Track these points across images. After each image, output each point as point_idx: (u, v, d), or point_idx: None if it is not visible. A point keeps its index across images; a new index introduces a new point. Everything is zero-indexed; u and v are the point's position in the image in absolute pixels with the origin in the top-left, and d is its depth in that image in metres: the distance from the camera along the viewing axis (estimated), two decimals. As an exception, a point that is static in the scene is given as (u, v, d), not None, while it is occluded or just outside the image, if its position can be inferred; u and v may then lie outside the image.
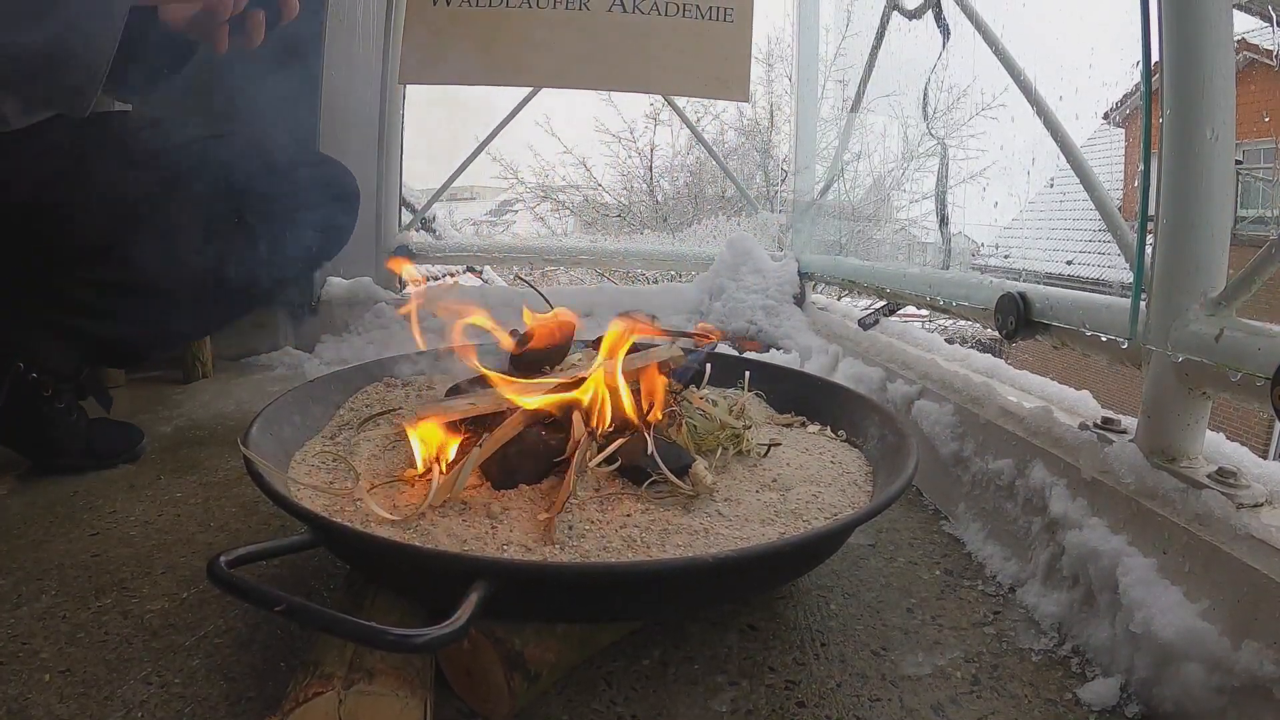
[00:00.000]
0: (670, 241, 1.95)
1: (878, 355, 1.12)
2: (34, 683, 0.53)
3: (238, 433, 0.66)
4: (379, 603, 0.53)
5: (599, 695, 0.54)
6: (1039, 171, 0.98)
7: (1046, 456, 0.70)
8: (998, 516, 0.76)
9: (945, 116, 1.27)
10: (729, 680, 0.56)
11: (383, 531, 0.55)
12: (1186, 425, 0.61)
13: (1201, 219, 0.60)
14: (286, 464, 0.68)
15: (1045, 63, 0.90)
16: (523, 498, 0.61)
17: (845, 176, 1.63)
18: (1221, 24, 0.59)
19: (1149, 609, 0.53)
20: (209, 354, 1.40)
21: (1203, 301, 0.60)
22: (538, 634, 0.51)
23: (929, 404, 0.91)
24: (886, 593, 0.68)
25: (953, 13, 1.15)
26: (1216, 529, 0.53)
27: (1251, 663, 0.46)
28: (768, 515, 0.61)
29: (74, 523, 0.78)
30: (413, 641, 0.38)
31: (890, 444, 0.72)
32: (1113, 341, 0.68)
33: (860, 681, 0.56)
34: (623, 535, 0.56)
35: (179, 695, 0.52)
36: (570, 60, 1.65)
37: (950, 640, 0.61)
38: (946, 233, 1.19)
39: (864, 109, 1.55)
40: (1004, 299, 0.82)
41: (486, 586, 0.43)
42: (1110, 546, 0.59)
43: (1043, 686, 0.56)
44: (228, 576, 0.42)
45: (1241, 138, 0.61)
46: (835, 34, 1.84)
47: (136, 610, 0.62)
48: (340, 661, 0.46)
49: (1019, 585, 0.69)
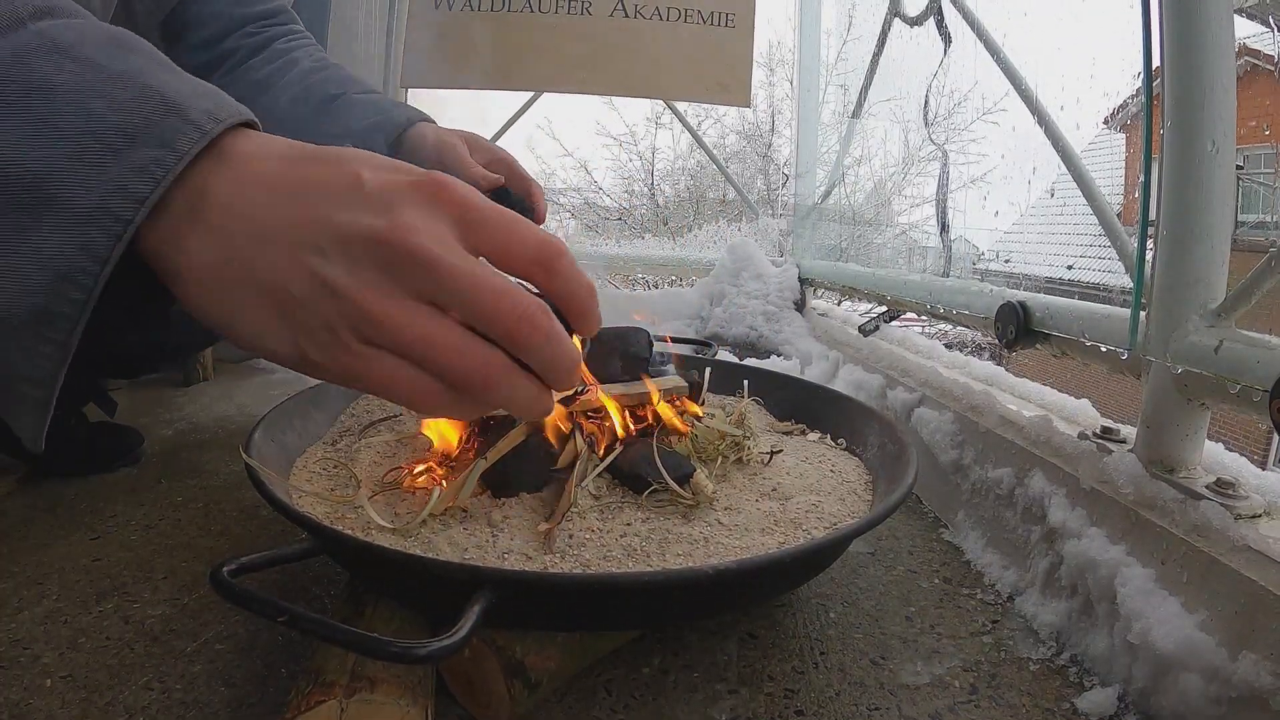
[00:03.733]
0: (671, 246, 1.95)
1: (878, 362, 1.12)
2: (35, 687, 0.53)
3: (239, 436, 0.66)
4: (380, 610, 0.53)
5: (599, 703, 0.54)
6: (1039, 179, 0.99)
7: (1046, 465, 0.70)
8: (997, 525, 0.76)
9: (946, 121, 1.27)
10: (728, 688, 0.56)
11: (384, 540, 0.56)
12: (1185, 436, 0.61)
13: (1202, 230, 0.60)
14: (289, 470, 0.69)
15: (1046, 73, 0.91)
16: (523, 506, 0.61)
17: (846, 181, 1.64)
18: (1222, 37, 0.59)
19: (1147, 619, 0.53)
20: (210, 357, 1.40)
21: (1202, 313, 0.60)
22: (538, 642, 0.51)
23: (929, 411, 0.91)
24: (885, 601, 0.69)
25: (954, 20, 1.16)
26: (1215, 540, 0.53)
27: (1249, 673, 0.46)
28: (767, 524, 0.62)
29: (75, 526, 0.78)
30: (415, 653, 0.38)
31: (890, 453, 0.72)
32: (1112, 352, 0.69)
33: (859, 690, 0.56)
34: (623, 544, 0.57)
35: (180, 701, 0.52)
36: (572, 65, 1.65)
37: (949, 649, 0.62)
38: (947, 239, 1.19)
39: (865, 114, 1.55)
40: (1004, 308, 0.83)
41: (488, 596, 0.43)
42: (1109, 556, 0.59)
43: (1040, 696, 0.56)
44: (231, 585, 0.42)
45: (1243, 143, 0.61)
46: (836, 38, 1.84)
47: (137, 615, 0.63)
48: (342, 670, 0.46)
49: (1018, 594, 0.69)
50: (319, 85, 0.96)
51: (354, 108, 0.95)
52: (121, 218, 0.33)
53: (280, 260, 0.34)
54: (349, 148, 0.37)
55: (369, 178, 0.35)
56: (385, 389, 0.35)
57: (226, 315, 0.35)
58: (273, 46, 0.98)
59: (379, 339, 0.34)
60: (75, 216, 0.32)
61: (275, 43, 0.99)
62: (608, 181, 6.86)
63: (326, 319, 0.34)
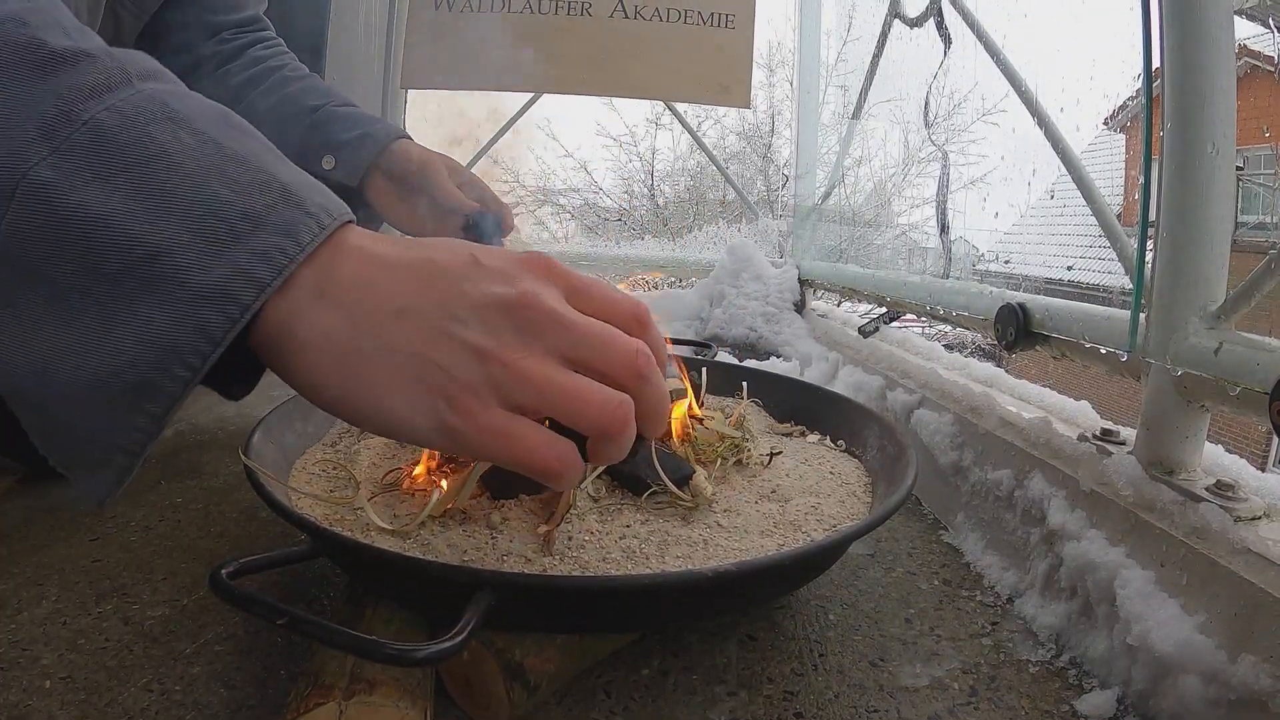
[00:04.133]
0: (671, 247, 1.95)
1: (877, 363, 1.12)
2: (35, 689, 0.53)
3: (239, 437, 0.66)
4: (380, 611, 0.53)
5: (598, 705, 0.54)
6: (1039, 181, 0.99)
7: (1045, 467, 0.70)
8: (996, 527, 0.76)
9: (946, 122, 1.28)
10: (728, 691, 0.56)
11: (383, 542, 0.56)
12: (1185, 438, 0.61)
13: (1202, 233, 0.60)
14: (288, 472, 0.69)
15: (1046, 74, 0.91)
16: (522, 508, 0.61)
17: (846, 182, 1.64)
18: (1223, 38, 0.59)
19: (1146, 621, 0.53)
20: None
21: (1202, 315, 0.60)
22: (537, 644, 0.51)
23: (928, 413, 0.91)
24: (885, 603, 0.69)
25: (954, 21, 1.16)
26: (1214, 542, 0.53)
27: (1248, 676, 0.46)
28: (766, 526, 0.62)
29: (74, 527, 0.78)
30: (414, 655, 0.38)
31: (890, 455, 0.72)
32: (1112, 354, 0.69)
33: (858, 693, 0.56)
34: (622, 546, 0.57)
35: (179, 703, 0.52)
36: (572, 66, 1.65)
37: (948, 651, 0.62)
38: (947, 241, 1.19)
39: (865, 115, 1.55)
40: (1004, 310, 0.83)
41: (487, 598, 0.43)
42: (1108, 558, 0.59)
43: (1040, 698, 0.56)
44: (230, 588, 0.42)
45: (1242, 144, 0.61)
46: (836, 39, 1.84)
47: (137, 616, 0.63)
48: (341, 672, 0.46)
49: (1017, 596, 0.69)
50: (298, 95, 0.97)
51: (337, 120, 0.96)
52: (241, 302, 0.33)
53: (421, 331, 0.36)
54: (446, 238, 0.41)
55: (483, 258, 0.39)
56: (525, 453, 0.37)
57: (356, 388, 0.36)
58: (248, 53, 0.99)
59: (523, 397, 0.36)
60: (191, 295, 0.33)
61: (250, 49, 1.00)
62: (608, 182, 6.87)
63: (470, 383, 0.36)
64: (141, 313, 0.32)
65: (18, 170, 0.31)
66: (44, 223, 0.31)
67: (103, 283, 0.32)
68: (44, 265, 0.32)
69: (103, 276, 0.32)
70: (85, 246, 0.32)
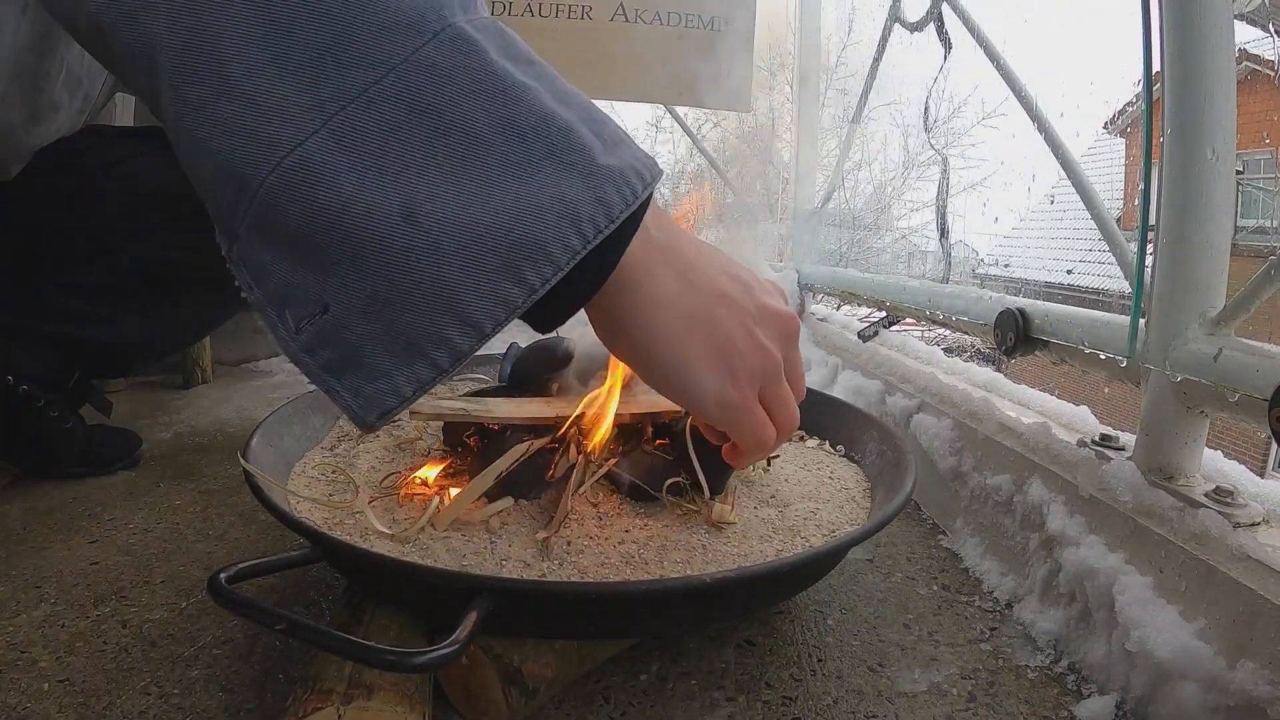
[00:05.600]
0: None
1: (877, 368, 1.12)
2: (33, 692, 0.53)
3: (238, 440, 0.66)
4: (378, 616, 0.53)
5: (596, 710, 0.54)
6: (1039, 185, 0.99)
7: (1044, 473, 0.70)
8: (995, 532, 0.76)
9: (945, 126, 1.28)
10: (726, 696, 0.56)
11: (382, 547, 0.56)
12: (1184, 444, 0.61)
13: (1201, 238, 0.60)
14: (287, 475, 0.69)
15: (1046, 78, 0.91)
16: (521, 513, 0.61)
17: (846, 186, 1.64)
18: (1223, 43, 0.59)
19: (1145, 627, 0.53)
20: (208, 359, 1.40)
21: (1202, 320, 0.60)
22: (536, 650, 0.51)
23: (928, 418, 0.91)
24: (884, 608, 0.69)
25: (954, 25, 1.16)
26: (1213, 548, 0.53)
27: (1247, 682, 0.46)
28: (765, 531, 0.62)
29: (73, 529, 0.78)
30: (412, 661, 0.38)
31: (889, 460, 0.72)
32: (1111, 359, 0.69)
33: (856, 698, 0.56)
34: (621, 552, 0.57)
35: (178, 706, 0.52)
36: (573, 69, 1.65)
37: (947, 656, 0.62)
38: (946, 245, 1.19)
39: (865, 119, 1.55)
40: (1003, 315, 0.82)
41: (486, 603, 0.43)
42: (1107, 564, 0.59)
43: (1038, 704, 0.56)
44: (229, 592, 0.42)
45: (1242, 148, 0.61)
46: (837, 43, 1.85)
47: (135, 619, 0.63)
48: (339, 677, 0.46)
49: (1016, 601, 0.69)
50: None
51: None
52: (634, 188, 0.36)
53: (735, 317, 0.43)
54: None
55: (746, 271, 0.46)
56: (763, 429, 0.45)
57: (677, 348, 0.41)
58: None
59: (771, 390, 0.45)
60: (599, 169, 0.35)
61: None
62: (607, 184, 6.87)
63: (752, 369, 0.43)
64: (548, 175, 0.34)
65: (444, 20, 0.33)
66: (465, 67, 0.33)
67: (515, 142, 0.33)
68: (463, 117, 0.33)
69: (516, 136, 0.33)
70: (503, 102, 0.33)
